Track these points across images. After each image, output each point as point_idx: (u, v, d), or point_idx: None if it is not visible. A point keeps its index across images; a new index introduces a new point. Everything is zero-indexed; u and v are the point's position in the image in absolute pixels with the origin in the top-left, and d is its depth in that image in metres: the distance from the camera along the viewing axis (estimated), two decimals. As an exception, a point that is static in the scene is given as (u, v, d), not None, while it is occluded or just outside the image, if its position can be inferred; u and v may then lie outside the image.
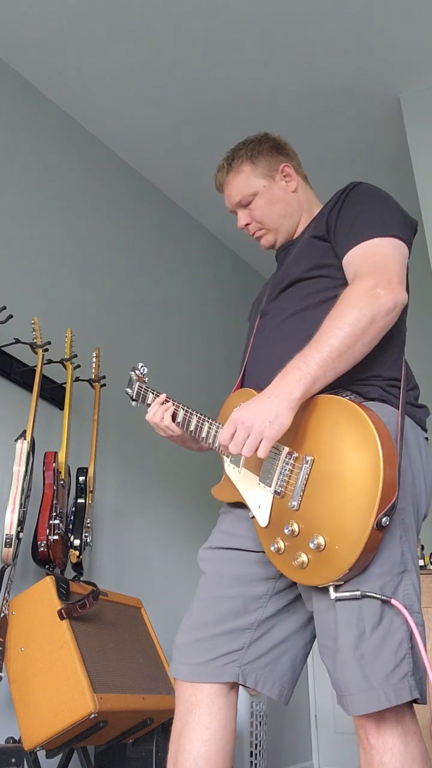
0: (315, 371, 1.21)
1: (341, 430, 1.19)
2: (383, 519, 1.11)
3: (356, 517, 1.12)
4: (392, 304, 1.24)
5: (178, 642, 1.39)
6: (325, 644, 1.22)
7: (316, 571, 1.16)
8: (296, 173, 1.59)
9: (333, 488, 1.17)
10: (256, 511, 1.30)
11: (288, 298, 1.46)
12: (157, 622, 2.71)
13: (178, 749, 1.29)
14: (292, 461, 1.24)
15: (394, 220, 1.37)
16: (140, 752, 2.35)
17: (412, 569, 1.21)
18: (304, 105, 3.39)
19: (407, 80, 3.25)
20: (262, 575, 1.36)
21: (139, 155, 3.73)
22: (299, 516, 1.20)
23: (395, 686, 1.12)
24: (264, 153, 1.58)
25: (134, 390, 1.63)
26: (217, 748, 1.28)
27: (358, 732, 1.18)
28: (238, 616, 1.35)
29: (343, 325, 1.22)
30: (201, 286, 4.19)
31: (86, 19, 2.94)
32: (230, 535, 1.42)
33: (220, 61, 3.16)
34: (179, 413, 1.52)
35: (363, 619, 1.15)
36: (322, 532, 1.15)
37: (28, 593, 2.18)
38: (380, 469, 1.11)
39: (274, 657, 1.35)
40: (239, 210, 1.60)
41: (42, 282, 3.01)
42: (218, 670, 1.32)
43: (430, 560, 2.94)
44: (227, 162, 1.60)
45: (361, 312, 1.22)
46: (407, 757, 1.13)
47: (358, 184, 1.45)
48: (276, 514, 1.26)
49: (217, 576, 1.39)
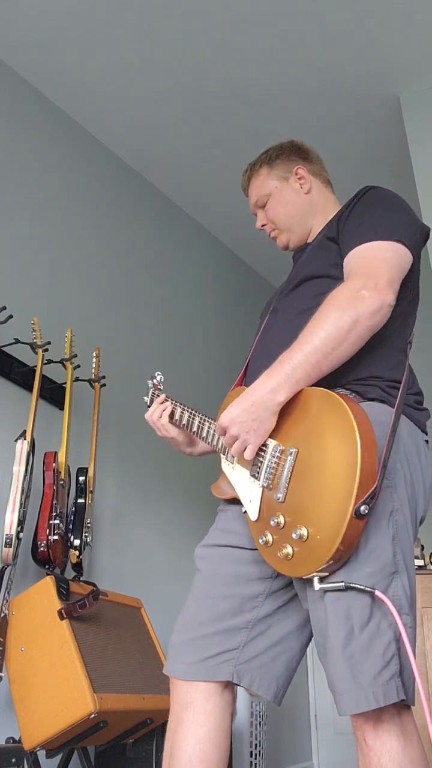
0: (298, 373, 1.23)
1: (323, 420, 1.20)
2: (362, 507, 1.10)
3: (335, 506, 1.12)
4: (377, 306, 1.24)
5: (174, 640, 1.38)
6: (319, 643, 1.22)
7: (300, 562, 1.16)
8: (312, 175, 1.62)
9: (315, 479, 1.17)
10: (247, 505, 1.32)
11: (297, 297, 1.46)
12: (157, 622, 2.71)
13: (173, 747, 1.30)
14: (278, 454, 1.26)
15: (399, 224, 1.36)
16: (140, 752, 2.35)
17: (403, 571, 1.20)
18: (305, 105, 3.39)
19: (407, 80, 3.25)
20: (258, 574, 1.36)
21: (139, 156, 3.73)
22: (284, 508, 1.21)
23: (383, 687, 1.11)
24: (282, 156, 1.63)
25: (149, 397, 1.67)
26: (211, 745, 1.29)
27: (355, 733, 1.18)
28: (233, 615, 1.35)
29: (326, 326, 1.23)
30: (201, 287, 4.19)
31: (86, 20, 2.94)
32: (226, 533, 1.42)
33: (220, 62, 3.16)
34: (177, 411, 1.56)
35: (351, 618, 1.15)
36: (305, 522, 1.16)
37: (28, 593, 2.18)
38: (357, 456, 1.11)
39: (269, 657, 1.35)
40: (258, 211, 1.66)
41: (42, 282, 3.01)
42: (213, 669, 1.32)
43: (430, 560, 2.94)
44: (250, 166, 1.68)
45: (345, 313, 1.23)
46: (405, 759, 1.13)
47: (372, 188, 1.45)
48: (264, 507, 1.27)
49: (213, 574, 1.39)
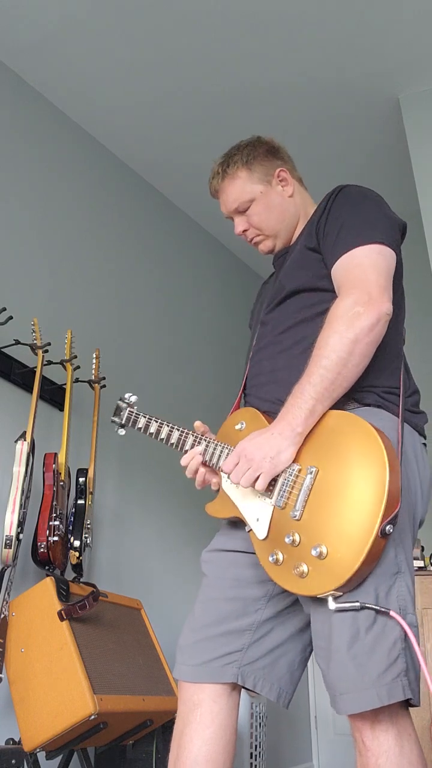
0: (311, 404, 1.24)
1: (346, 440, 1.21)
2: (387, 527, 1.12)
3: (360, 525, 1.13)
4: (375, 320, 1.24)
5: (181, 643, 1.39)
6: (320, 645, 1.22)
7: (315, 581, 1.16)
8: (292, 177, 1.58)
9: (337, 497, 1.18)
10: (254, 524, 1.30)
11: (285, 311, 1.45)
12: (157, 623, 2.71)
13: (180, 748, 1.30)
14: (296, 472, 1.25)
15: (377, 224, 1.36)
16: (140, 754, 2.35)
17: (405, 571, 1.22)
18: (305, 106, 3.39)
19: (407, 81, 3.25)
20: (260, 578, 1.37)
21: (139, 157, 3.73)
22: (300, 526, 1.21)
23: (388, 686, 1.12)
24: (259, 158, 1.55)
25: (123, 417, 1.60)
26: (217, 747, 1.29)
27: (353, 734, 1.18)
28: (237, 617, 1.35)
29: (328, 353, 1.24)
30: (201, 288, 4.19)
31: (87, 23, 2.94)
32: (229, 538, 1.43)
33: (220, 64, 3.16)
34: (163, 430, 1.51)
35: (357, 620, 1.15)
36: (325, 540, 1.16)
37: (28, 594, 2.18)
38: (386, 477, 1.13)
39: (272, 659, 1.36)
40: (236, 216, 1.58)
41: (42, 283, 3.01)
42: (218, 671, 1.33)
43: (430, 561, 2.93)
44: (222, 168, 1.57)
45: (343, 336, 1.23)
46: (402, 759, 1.13)
47: (342, 188, 1.44)
48: (276, 526, 1.26)
49: (218, 578, 1.40)
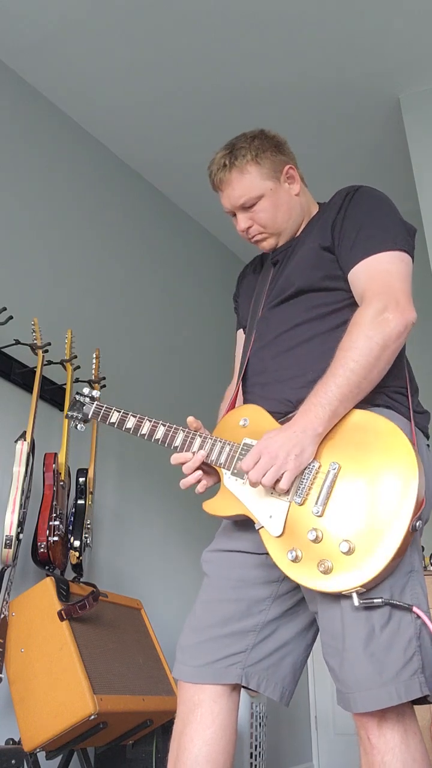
0: (335, 405, 1.24)
1: (370, 437, 1.22)
2: (417, 522, 1.15)
3: (391, 520, 1.15)
4: (402, 327, 1.26)
5: (182, 643, 1.39)
6: (330, 643, 1.22)
7: (342, 577, 1.16)
8: (297, 175, 1.56)
9: (363, 493, 1.19)
10: (266, 521, 1.28)
11: (292, 309, 1.44)
12: (157, 623, 2.71)
13: (180, 748, 1.30)
14: (316, 469, 1.25)
15: (398, 231, 1.36)
16: (140, 754, 2.35)
17: (418, 569, 1.24)
18: (305, 106, 3.39)
19: (407, 81, 3.25)
20: (265, 578, 1.36)
21: (139, 156, 3.73)
22: (323, 522, 1.21)
23: (405, 683, 1.13)
24: (268, 152, 1.49)
25: (90, 411, 1.53)
26: (218, 747, 1.29)
27: (359, 732, 1.19)
28: (241, 618, 1.35)
29: (357, 357, 1.24)
30: (202, 288, 4.19)
31: (88, 23, 2.94)
32: (232, 538, 1.42)
33: (221, 64, 3.16)
34: (158, 429, 1.44)
35: (372, 618, 1.16)
36: (351, 536, 1.17)
37: (28, 594, 2.18)
38: (417, 473, 1.16)
39: (276, 659, 1.36)
40: (239, 212, 1.51)
41: (42, 283, 3.01)
42: (222, 672, 1.32)
43: (430, 561, 2.94)
44: (229, 160, 1.49)
45: (372, 341, 1.24)
46: (408, 757, 1.14)
47: (359, 188, 1.43)
48: (293, 522, 1.25)
49: (221, 578, 1.40)
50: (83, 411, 1.55)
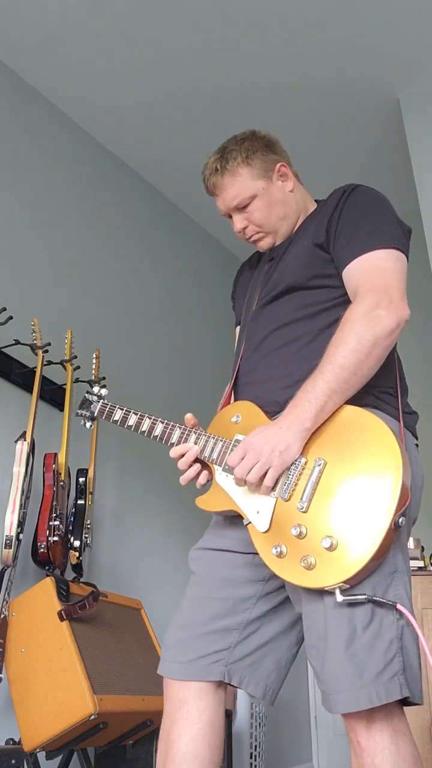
0: (322, 400, 1.23)
1: (355, 433, 1.21)
2: (400, 519, 1.13)
3: (374, 516, 1.14)
4: (395, 325, 1.25)
5: (167, 641, 1.40)
6: (313, 645, 1.22)
7: (324, 572, 1.16)
8: (290, 172, 1.55)
9: (347, 489, 1.18)
10: (253, 516, 1.29)
11: (283, 306, 1.44)
12: (156, 623, 2.70)
13: (168, 745, 1.30)
14: (302, 465, 1.25)
15: (393, 229, 1.36)
16: (140, 754, 2.35)
17: (403, 570, 1.22)
18: (305, 106, 3.39)
19: (407, 81, 3.25)
20: (251, 577, 1.37)
21: (139, 157, 3.73)
22: (307, 518, 1.21)
23: (386, 685, 1.12)
24: (258, 152, 1.50)
25: (95, 410, 1.56)
26: (205, 743, 1.29)
27: (348, 735, 1.18)
28: (226, 616, 1.35)
29: (346, 352, 1.23)
30: (201, 288, 4.19)
31: (87, 23, 2.94)
32: (220, 537, 1.42)
33: (220, 64, 3.16)
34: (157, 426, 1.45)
35: (354, 619, 1.16)
36: (335, 532, 1.16)
37: (28, 594, 2.18)
38: (400, 470, 1.14)
39: (258, 657, 1.36)
40: (235, 214, 1.53)
41: (42, 283, 3.01)
42: (205, 669, 1.33)
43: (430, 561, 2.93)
44: (220, 164, 1.51)
45: (363, 337, 1.23)
46: (398, 758, 1.13)
47: (356, 187, 1.43)
48: (279, 518, 1.25)
49: (207, 576, 1.40)
50: (90, 409, 1.58)
